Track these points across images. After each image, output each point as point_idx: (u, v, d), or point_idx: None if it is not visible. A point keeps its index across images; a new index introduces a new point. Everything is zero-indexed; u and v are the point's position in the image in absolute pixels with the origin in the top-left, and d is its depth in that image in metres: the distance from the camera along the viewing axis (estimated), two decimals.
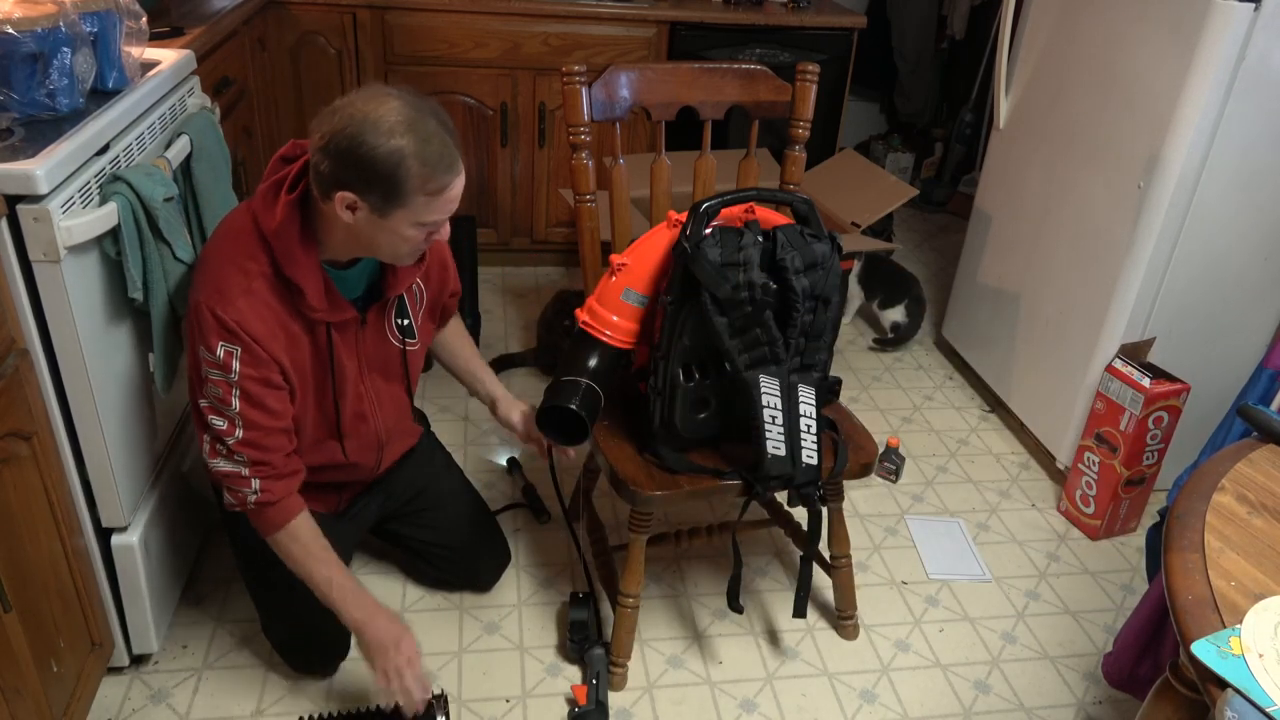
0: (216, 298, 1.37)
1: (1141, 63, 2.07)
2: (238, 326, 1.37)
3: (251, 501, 1.45)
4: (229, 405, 1.40)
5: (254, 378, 1.40)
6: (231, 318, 1.36)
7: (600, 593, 1.92)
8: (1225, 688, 0.94)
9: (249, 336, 1.38)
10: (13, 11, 1.37)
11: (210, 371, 1.39)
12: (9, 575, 1.27)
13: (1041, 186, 2.44)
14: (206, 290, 1.38)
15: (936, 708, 1.77)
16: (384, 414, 1.66)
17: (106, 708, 1.63)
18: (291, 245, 1.38)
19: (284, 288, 1.41)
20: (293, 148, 1.45)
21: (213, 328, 1.36)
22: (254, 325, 1.38)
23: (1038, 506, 2.34)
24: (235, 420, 1.41)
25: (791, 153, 1.83)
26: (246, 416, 1.41)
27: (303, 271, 1.39)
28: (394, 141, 1.27)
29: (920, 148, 4.16)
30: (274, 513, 1.46)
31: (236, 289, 1.38)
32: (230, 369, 1.38)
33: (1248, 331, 2.24)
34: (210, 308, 1.36)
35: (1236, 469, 1.27)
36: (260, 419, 1.42)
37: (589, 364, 1.55)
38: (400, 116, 1.28)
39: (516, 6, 2.82)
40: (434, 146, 1.30)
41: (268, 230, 1.38)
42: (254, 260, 1.39)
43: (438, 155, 1.30)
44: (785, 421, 1.51)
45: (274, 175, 1.42)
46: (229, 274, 1.38)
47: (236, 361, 1.38)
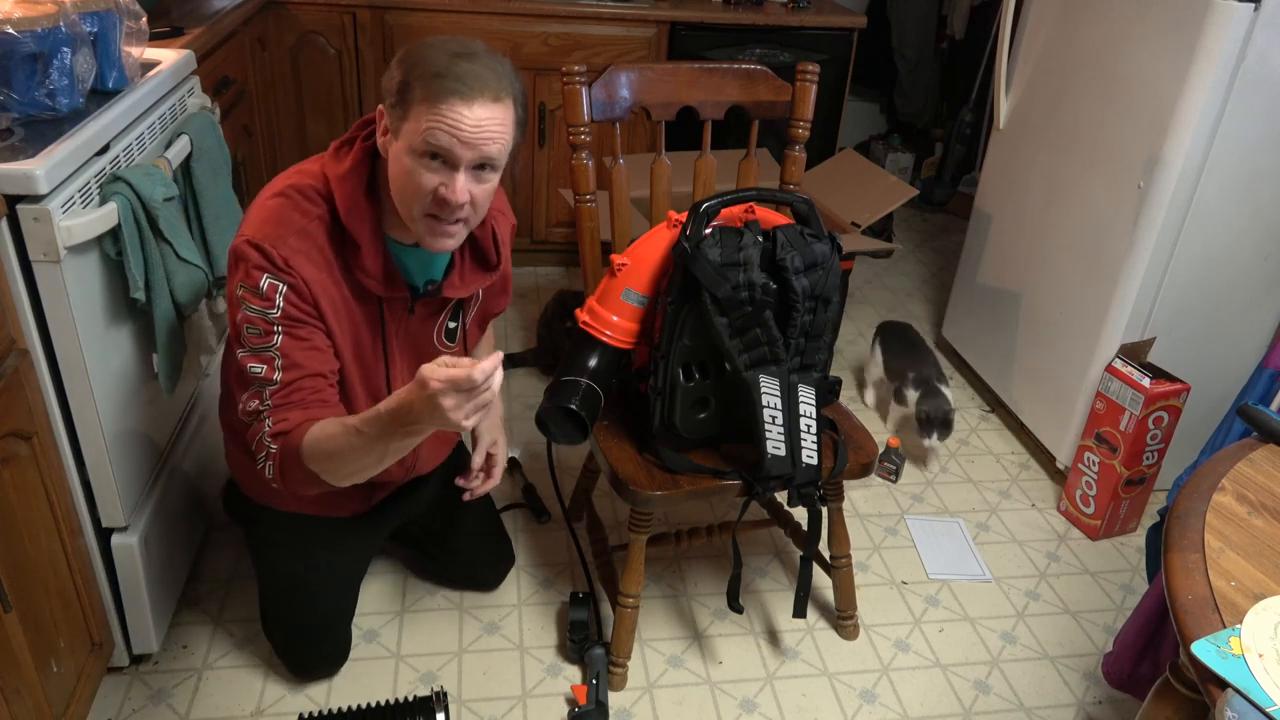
0: (267, 231, 1.28)
1: (1141, 63, 2.07)
2: (286, 264, 1.27)
3: (269, 441, 1.30)
4: (270, 342, 1.28)
5: (296, 315, 1.30)
6: (281, 254, 1.27)
7: (600, 593, 1.92)
8: (1225, 688, 0.94)
9: (300, 277, 1.29)
10: (13, 11, 1.37)
11: (250, 308, 1.28)
12: (9, 575, 1.27)
13: (1041, 186, 2.44)
14: (256, 226, 1.29)
15: (936, 708, 1.77)
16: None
17: (106, 708, 1.63)
18: (356, 192, 1.31)
19: (340, 241, 1.33)
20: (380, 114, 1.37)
21: (259, 262, 1.27)
22: (305, 267, 1.29)
23: (1038, 506, 2.34)
24: (275, 359, 1.29)
25: (791, 153, 1.83)
26: (287, 354, 1.29)
27: (362, 224, 1.32)
28: (427, 50, 1.22)
29: (920, 148, 4.16)
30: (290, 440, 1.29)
31: (291, 227, 1.29)
32: (274, 303, 1.28)
33: (1248, 331, 2.24)
34: (258, 242, 1.27)
35: (1236, 469, 1.27)
36: (302, 358, 1.31)
37: (589, 364, 1.55)
38: (453, 40, 1.24)
39: (516, 6, 2.83)
40: (462, 64, 1.21)
41: (333, 174, 1.32)
42: (314, 203, 1.32)
43: (453, 70, 1.21)
44: (785, 421, 1.51)
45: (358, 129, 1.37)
46: (284, 212, 1.30)
47: (280, 297, 1.28)
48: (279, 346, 1.30)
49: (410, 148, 1.25)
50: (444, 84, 1.21)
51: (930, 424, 2.30)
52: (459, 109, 1.21)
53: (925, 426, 2.31)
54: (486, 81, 1.23)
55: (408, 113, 1.24)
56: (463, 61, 1.22)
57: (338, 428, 1.28)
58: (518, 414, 2.49)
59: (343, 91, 2.88)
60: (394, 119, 1.26)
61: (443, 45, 1.24)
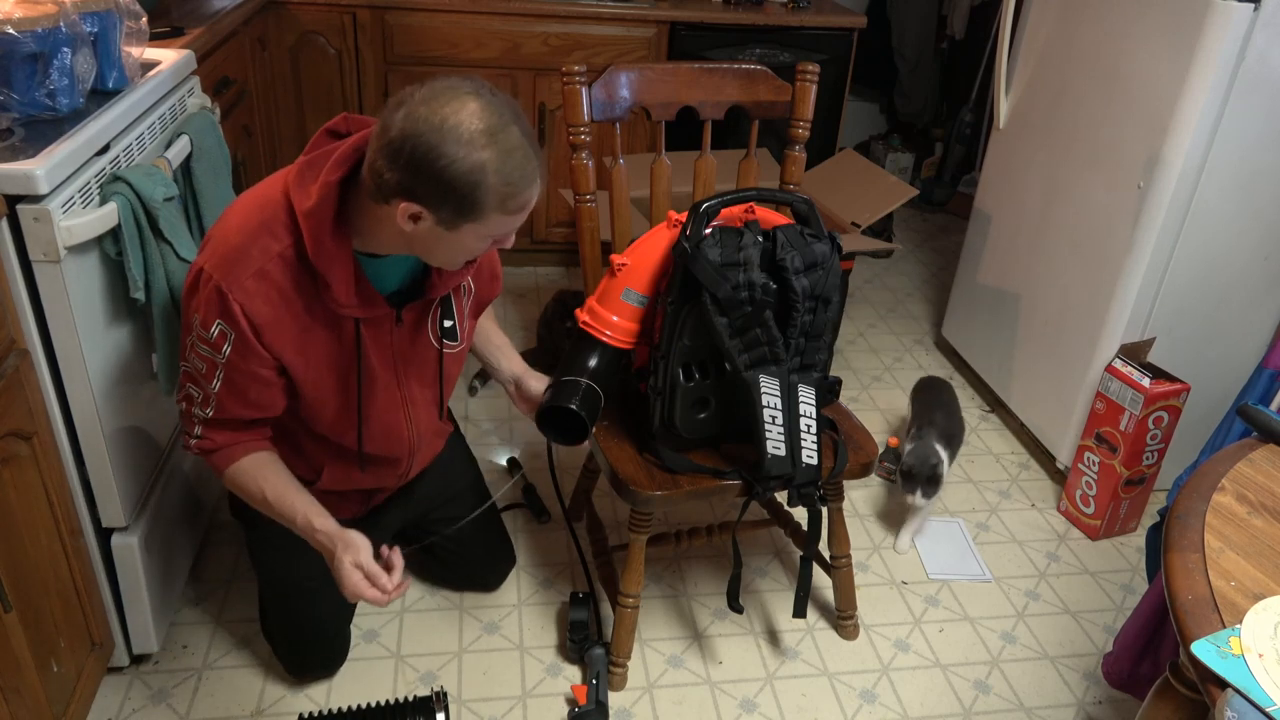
0: (224, 270, 1.25)
1: (1141, 63, 2.07)
2: (240, 310, 1.26)
3: (193, 445, 1.41)
4: (209, 383, 1.32)
5: (241, 368, 1.31)
6: (235, 298, 1.25)
7: (600, 593, 1.92)
8: (1225, 688, 0.94)
9: (249, 323, 1.27)
10: (13, 11, 1.37)
11: (198, 344, 1.30)
12: (9, 575, 1.27)
13: (1041, 186, 2.44)
14: (216, 259, 1.26)
15: (936, 708, 1.77)
16: (418, 424, 1.56)
17: (106, 708, 1.63)
18: (323, 231, 1.24)
19: (306, 273, 1.28)
20: (344, 122, 1.32)
21: (213, 303, 1.26)
22: (259, 311, 1.27)
23: (1038, 506, 2.34)
24: (210, 398, 1.34)
25: (791, 153, 1.83)
26: (221, 401, 1.34)
27: (331, 262, 1.26)
28: (475, 155, 1.13)
29: (920, 148, 4.16)
30: (213, 459, 1.42)
31: (248, 266, 1.25)
32: (220, 350, 1.29)
33: (1248, 331, 2.24)
34: (216, 280, 1.25)
35: (1236, 469, 1.27)
36: (235, 408, 1.35)
37: (589, 364, 1.55)
38: (482, 124, 1.14)
39: (516, 6, 2.82)
40: (516, 159, 1.17)
41: (299, 208, 1.24)
42: (275, 238, 1.26)
43: (519, 169, 1.17)
44: (785, 421, 1.51)
45: (318, 149, 1.29)
46: (245, 247, 1.26)
47: (228, 346, 1.28)
48: (216, 391, 1.34)
49: (482, 236, 1.24)
50: (519, 195, 1.20)
51: (913, 479, 2.03)
52: (534, 197, 1.23)
53: (908, 481, 2.04)
54: (535, 151, 1.21)
55: (477, 219, 1.20)
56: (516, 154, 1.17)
57: (253, 484, 1.41)
58: (518, 414, 2.49)
59: (343, 91, 2.88)
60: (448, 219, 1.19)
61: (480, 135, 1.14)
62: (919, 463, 2.03)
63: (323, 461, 1.55)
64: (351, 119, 1.33)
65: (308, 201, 1.24)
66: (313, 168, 1.26)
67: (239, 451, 1.41)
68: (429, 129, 1.13)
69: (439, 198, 1.16)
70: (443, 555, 1.87)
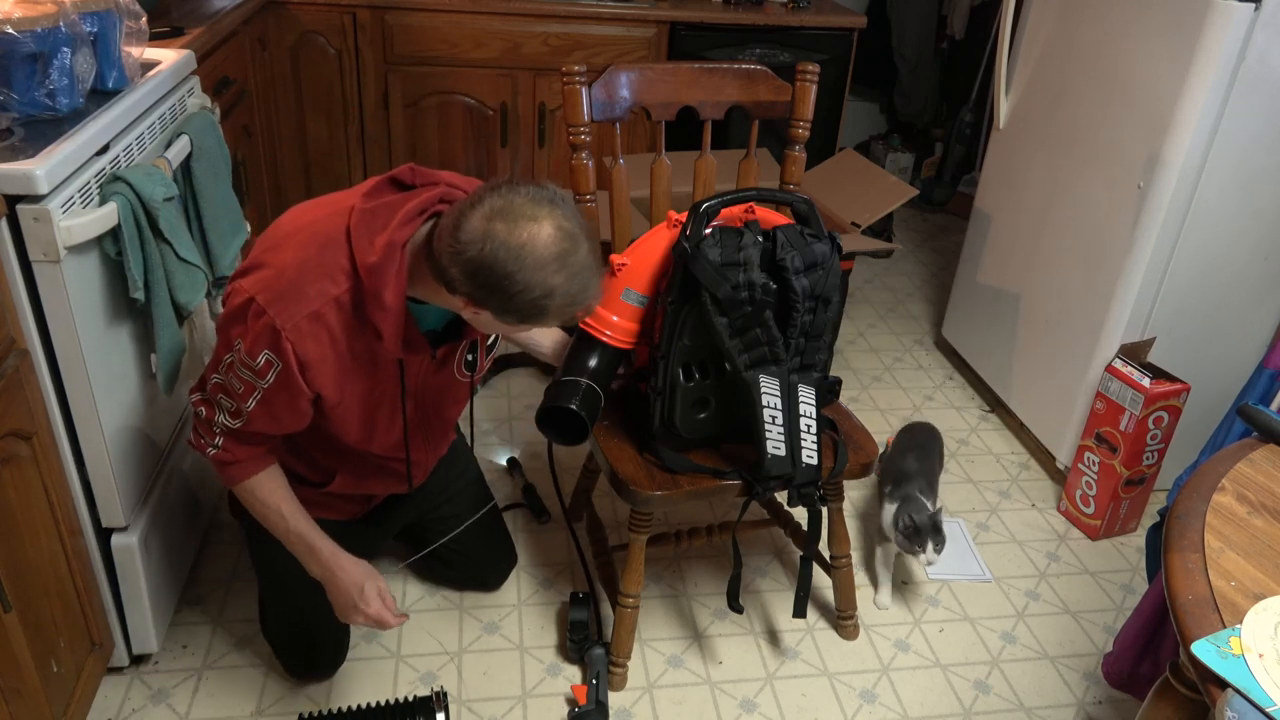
0: (279, 307, 1.25)
1: (1141, 63, 2.07)
2: (290, 347, 1.26)
3: (210, 454, 1.41)
4: (244, 401, 1.33)
5: (280, 397, 1.32)
6: (288, 336, 1.26)
7: (600, 593, 1.92)
8: (1225, 688, 0.94)
9: (297, 360, 1.28)
10: (13, 11, 1.37)
11: (241, 369, 1.31)
12: (9, 575, 1.27)
13: (1041, 187, 2.44)
14: (271, 293, 1.26)
15: (936, 708, 1.77)
16: (433, 444, 1.63)
17: (106, 708, 1.63)
18: (383, 288, 1.25)
19: (357, 319, 1.30)
20: (410, 174, 1.34)
21: (263, 336, 1.27)
22: (309, 351, 1.28)
23: (1038, 506, 2.34)
24: (242, 413, 1.35)
25: (791, 153, 1.82)
26: (253, 419, 1.35)
27: (386, 317, 1.28)
28: (548, 281, 1.18)
29: (920, 148, 4.16)
30: (229, 471, 1.43)
31: (304, 307, 1.26)
32: (264, 377, 1.30)
33: (1248, 331, 2.24)
34: (271, 316, 1.25)
35: (1236, 469, 1.27)
36: (265, 426, 1.37)
37: (589, 364, 1.55)
38: (556, 248, 1.17)
39: (516, 6, 2.83)
40: (581, 280, 1.22)
41: (362, 261, 1.25)
42: (334, 281, 1.27)
43: (583, 289, 1.23)
44: (785, 421, 1.51)
45: (379, 196, 1.31)
46: (301, 286, 1.26)
47: (273, 375, 1.29)
48: (250, 411, 1.35)
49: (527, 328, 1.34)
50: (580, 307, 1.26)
51: (920, 534, 1.84)
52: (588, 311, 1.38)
53: (915, 538, 1.84)
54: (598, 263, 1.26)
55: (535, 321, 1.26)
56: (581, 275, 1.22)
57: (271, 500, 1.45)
58: (518, 414, 2.49)
59: (343, 91, 2.88)
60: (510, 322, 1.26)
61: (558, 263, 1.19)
62: (919, 515, 1.85)
63: (335, 468, 1.57)
64: (418, 171, 1.34)
65: (371, 256, 1.25)
66: (377, 217, 1.27)
67: (256, 468, 1.44)
68: (507, 255, 1.16)
69: (505, 310, 1.22)
70: (443, 555, 1.87)
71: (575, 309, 1.26)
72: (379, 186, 1.33)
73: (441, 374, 1.52)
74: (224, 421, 1.38)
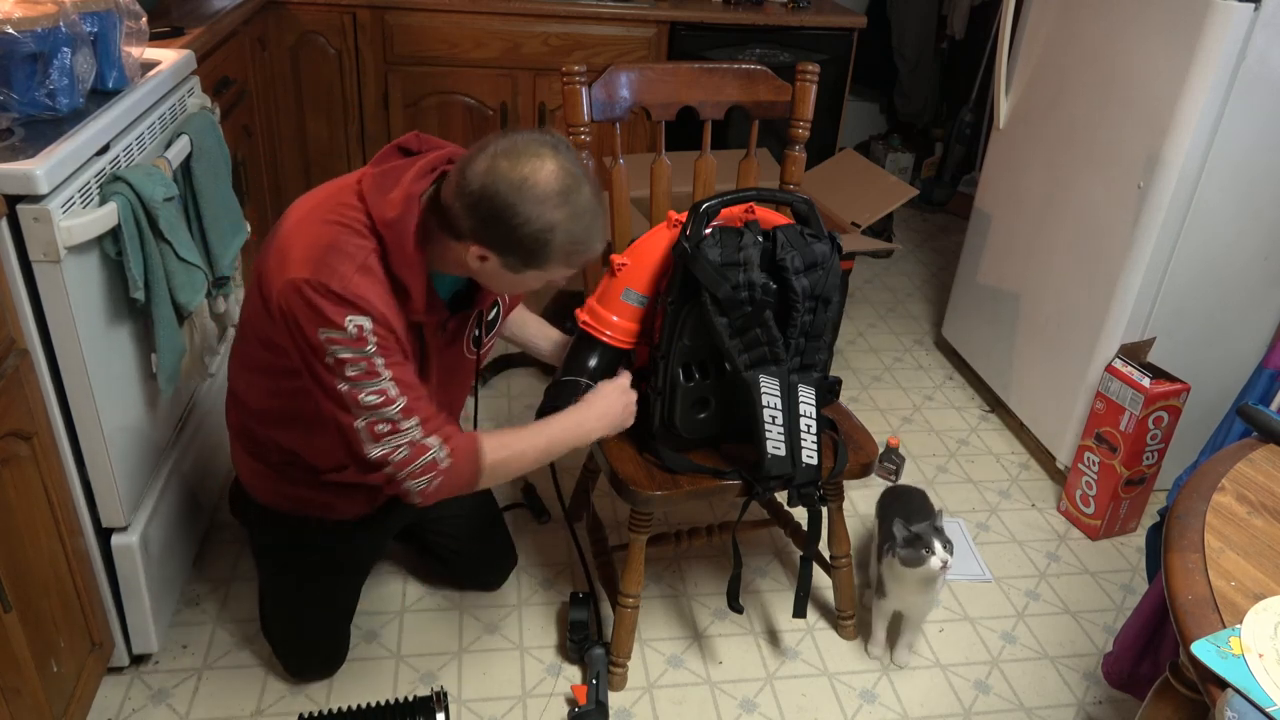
0: (327, 274, 1.24)
1: (1141, 63, 2.07)
2: (359, 299, 1.24)
3: (444, 459, 1.32)
4: (378, 376, 1.27)
5: (390, 345, 1.28)
6: (352, 291, 1.24)
7: (600, 593, 1.92)
8: (1225, 688, 0.94)
9: (376, 309, 1.26)
10: (13, 11, 1.37)
11: (341, 350, 1.25)
12: (9, 575, 1.27)
13: (1041, 187, 2.44)
14: (311, 267, 1.24)
15: (936, 708, 1.77)
16: None
17: (106, 708, 1.63)
18: (405, 240, 1.27)
19: (389, 278, 1.30)
20: (416, 140, 1.37)
21: (332, 304, 1.24)
22: (375, 298, 1.26)
23: (1038, 506, 2.34)
24: (389, 388, 1.27)
25: (791, 153, 1.82)
26: (400, 379, 1.28)
27: (411, 271, 1.29)
28: (548, 215, 1.22)
29: (920, 148, 4.16)
30: (465, 456, 1.35)
31: (350, 262, 1.25)
32: (366, 341, 1.25)
33: (1248, 331, 2.24)
34: (323, 285, 1.23)
35: (1236, 469, 1.27)
36: (412, 379, 1.31)
37: (589, 364, 1.56)
38: (558, 184, 1.22)
39: (516, 6, 2.83)
40: (584, 220, 1.25)
41: (381, 217, 1.27)
42: (364, 238, 1.27)
43: (586, 230, 1.26)
44: (785, 421, 1.51)
45: (387, 162, 1.33)
46: (341, 248, 1.26)
47: (370, 333, 1.25)
48: (392, 377, 1.29)
49: (535, 279, 1.33)
50: (584, 252, 1.29)
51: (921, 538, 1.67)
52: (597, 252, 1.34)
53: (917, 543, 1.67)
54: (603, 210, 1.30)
55: (541, 266, 1.29)
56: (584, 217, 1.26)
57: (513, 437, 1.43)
58: (518, 414, 2.49)
59: (343, 91, 2.88)
60: (514, 264, 1.28)
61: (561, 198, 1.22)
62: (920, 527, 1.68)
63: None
64: (423, 138, 1.40)
65: (390, 211, 1.27)
66: (388, 178, 1.30)
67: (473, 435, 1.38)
68: (508, 187, 1.21)
69: (509, 248, 1.25)
70: (443, 555, 1.87)
71: (579, 253, 1.28)
72: (387, 153, 1.37)
73: (451, 351, 1.52)
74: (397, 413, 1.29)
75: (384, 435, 1.29)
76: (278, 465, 1.56)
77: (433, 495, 1.35)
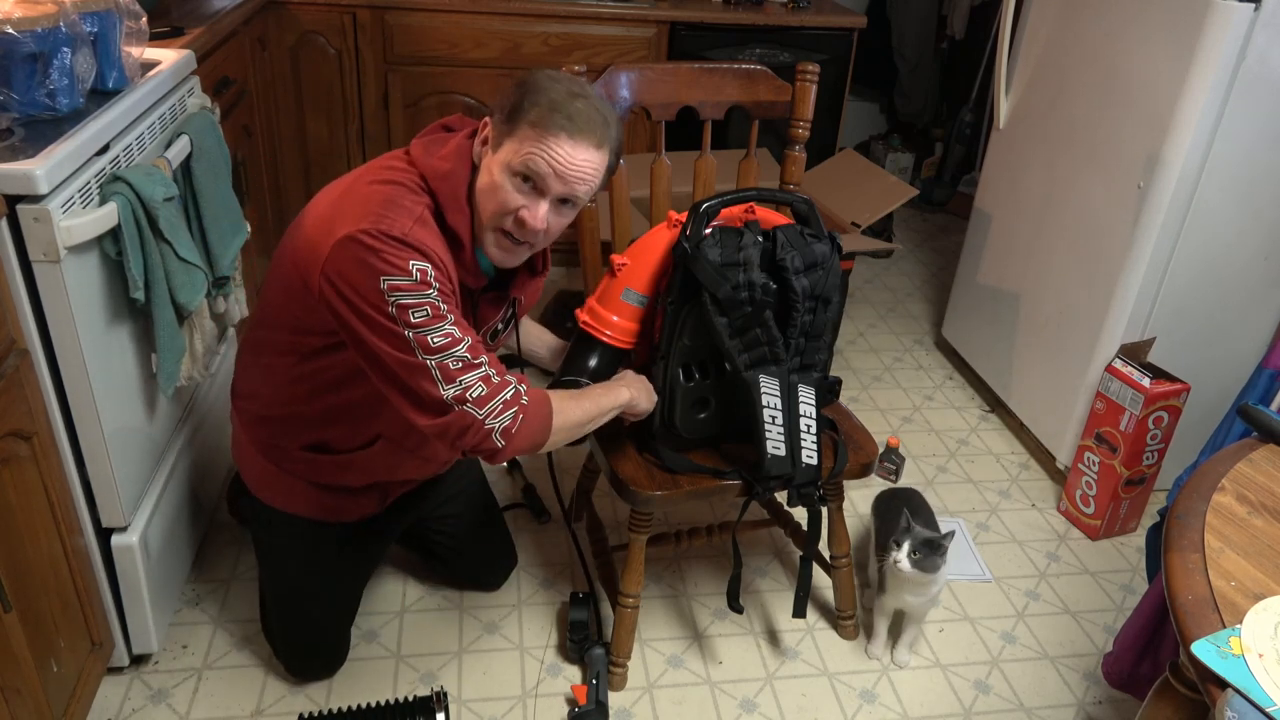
0: (388, 223, 1.24)
1: (1141, 63, 2.07)
2: (421, 243, 1.25)
3: (525, 403, 1.33)
4: (443, 319, 1.26)
5: (449, 294, 1.29)
6: (414, 237, 1.25)
7: (600, 593, 1.92)
8: (1225, 688, 0.94)
9: (437, 257, 1.27)
10: (13, 11, 1.37)
11: (404, 296, 1.24)
12: (9, 575, 1.27)
13: (1041, 187, 2.44)
14: (370, 220, 1.24)
15: (936, 708, 1.77)
16: None
17: (106, 708, 1.63)
18: (458, 191, 1.33)
19: (444, 234, 1.32)
20: (459, 120, 1.44)
21: (395, 248, 1.23)
22: (434, 247, 1.27)
23: (1038, 506, 2.34)
24: (454, 330, 1.27)
25: (791, 153, 1.83)
26: (461, 324, 1.29)
27: (463, 222, 1.33)
28: (549, 86, 1.29)
29: (920, 148, 4.16)
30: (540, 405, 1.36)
31: (407, 216, 1.26)
32: (430, 285, 1.25)
33: (1248, 331, 2.24)
34: (383, 232, 1.23)
35: (1236, 469, 1.27)
36: (470, 329, 1.32)
37: (589, 364, 1.55)
38: (573, 85, 1.31)
39: (516, 6, 2.82)
40: (573, 106, 1.28)
41: (433, 172, 1.32)
42: (418, 195, 1.31)
43: (567, 107, 1.28)
44: (785, 421, 1.51)
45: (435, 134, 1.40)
46: (394, 203, 1.27)
47: (431, 277, 1.25)
48: (454, 320, 1.28)
49: (506, 164, 1.31)
50: (556, 117, 1.28)
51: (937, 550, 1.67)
52: (564, 143, 1.29)
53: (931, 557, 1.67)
54: (594, 126, 1.30)
55: (514, 131, 1.30)
56: (578, 101, 1.30)
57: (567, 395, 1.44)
58: None
59: (343, 91, 2.88)
60: (498, 133, 1.32)
61: (564, 82, 1.32)
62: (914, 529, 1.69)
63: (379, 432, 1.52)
64: (464, 119, 1.44)
65: (444, 165, 1.34)
66: (437, 143, 1.37)
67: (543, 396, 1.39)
68: (540, 74, 1.32)
69: (504, 101, 1.31)
70: (443, 555, 1.87)
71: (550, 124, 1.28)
72: (432, 128, 1.43)
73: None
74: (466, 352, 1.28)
75: (458, 373, 1.28)
76: (293, 465, 1.55)
77: (515, 438, 1.33)
